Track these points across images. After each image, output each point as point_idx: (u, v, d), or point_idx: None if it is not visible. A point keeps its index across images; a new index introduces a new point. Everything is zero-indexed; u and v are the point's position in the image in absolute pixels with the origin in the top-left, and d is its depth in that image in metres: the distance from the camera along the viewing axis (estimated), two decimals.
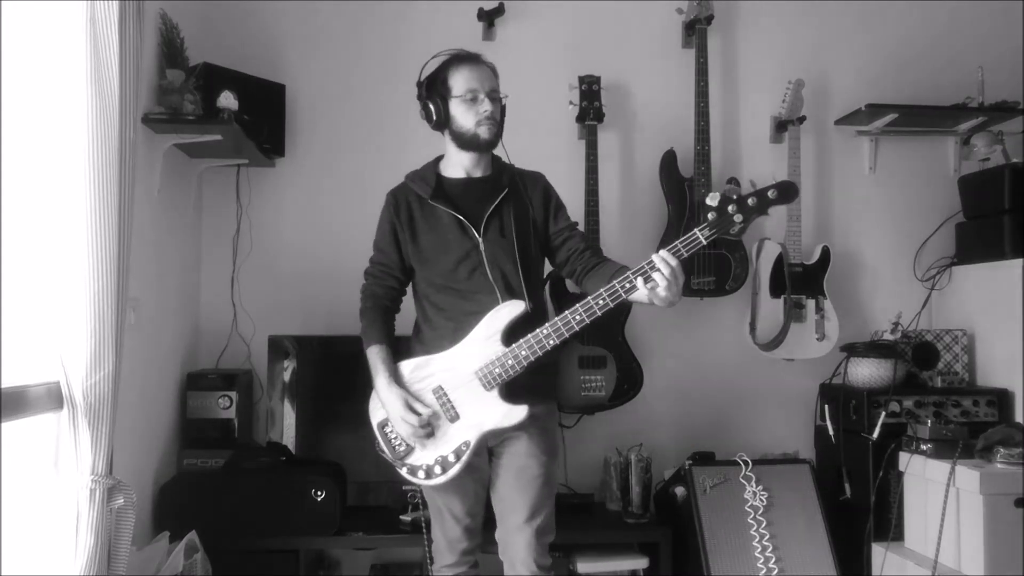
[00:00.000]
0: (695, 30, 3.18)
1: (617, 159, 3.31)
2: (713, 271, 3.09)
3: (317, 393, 2.96)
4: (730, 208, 1.84)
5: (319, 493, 2.64)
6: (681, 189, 3.13)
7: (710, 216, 1.85)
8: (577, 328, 1.97)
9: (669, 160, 3.16)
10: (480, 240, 2.11)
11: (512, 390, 2.04)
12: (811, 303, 3.16)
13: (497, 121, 2.13)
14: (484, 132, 2.11)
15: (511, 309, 2.05)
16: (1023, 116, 3.26)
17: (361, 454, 2.87)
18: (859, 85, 3.37)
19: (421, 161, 2.28)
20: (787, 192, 1.86)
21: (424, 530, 2.32)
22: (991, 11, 3.45)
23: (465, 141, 2.14)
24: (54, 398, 1.81)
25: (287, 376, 2.94)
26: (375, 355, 2.12)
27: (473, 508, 2.19)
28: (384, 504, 2.90)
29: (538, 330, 1.99)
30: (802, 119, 3.23)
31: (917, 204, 3.41)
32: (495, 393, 2.03)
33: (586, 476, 3.16)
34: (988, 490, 2.44)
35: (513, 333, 2.03)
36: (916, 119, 3.29)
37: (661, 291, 1.86)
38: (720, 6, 3.26)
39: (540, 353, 1.99)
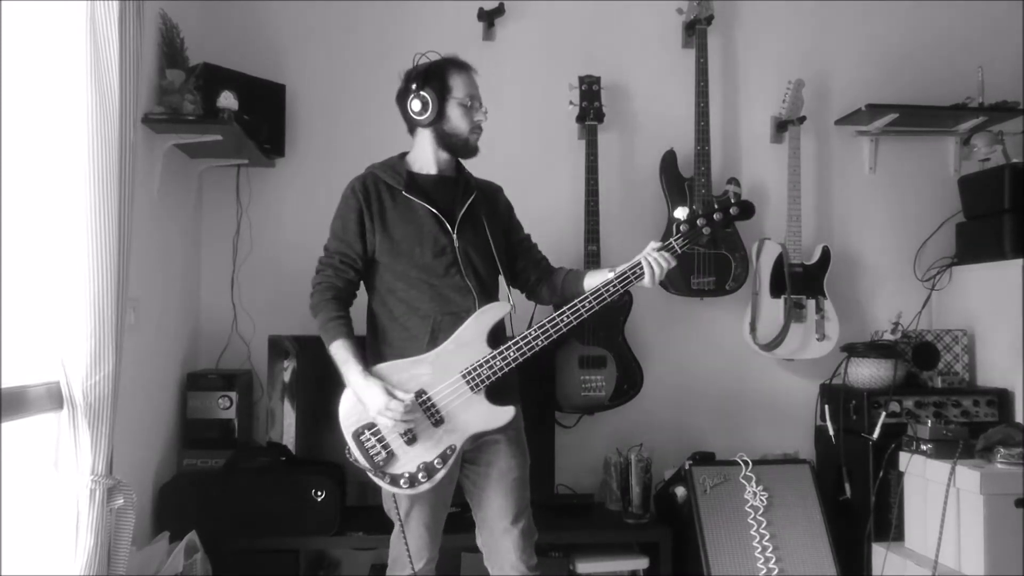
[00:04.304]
0: (695, 30, 3.18)
1: (617, 159, 3.31)
2: (713, 271, 3.09)
3: (317, 393, 2.94)
4: (699, 222, 2.06)
5: (319, 493, 2.64)
6: (681, 189, 3.13)
7: (683, 228, 2.06)
8: (564, 330, 1.99)
9: (669, 160, 3.17)
10: (455, 237, 2.08)
11: (494, 392, 2.02)
12: (811, 303, 3.16)
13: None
14: (475, 140, 2.14)
15: (497, 311, 2.04)
16: (1023, 116, 3.26)
17: None
18: (859, 85, 3.37)
19: None
20: (747, 210, 2.11)
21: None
22: (991, 11, 3.45)
23: (452, 143, 2.12)
24: (54, 398, 1.81)
25: (287, 376, 2.94)
26: (344, 349, 2.00)
27: (441, 514, 2.15)
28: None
29: (526, 332, 2.00)
30: (802, 119, 3.23)
31: (917, 204, 3.41)
32: (482, 395, 2.00)
33: (586, 476, 3.15)
34: (988, 490, 2.44)
35: (493, 334, 2.03)
36: (916, 119, 3.30)
37: (658, 277, 2.01)
38: (720, 6, 3.26)
39: (529, 355, 1.99)
